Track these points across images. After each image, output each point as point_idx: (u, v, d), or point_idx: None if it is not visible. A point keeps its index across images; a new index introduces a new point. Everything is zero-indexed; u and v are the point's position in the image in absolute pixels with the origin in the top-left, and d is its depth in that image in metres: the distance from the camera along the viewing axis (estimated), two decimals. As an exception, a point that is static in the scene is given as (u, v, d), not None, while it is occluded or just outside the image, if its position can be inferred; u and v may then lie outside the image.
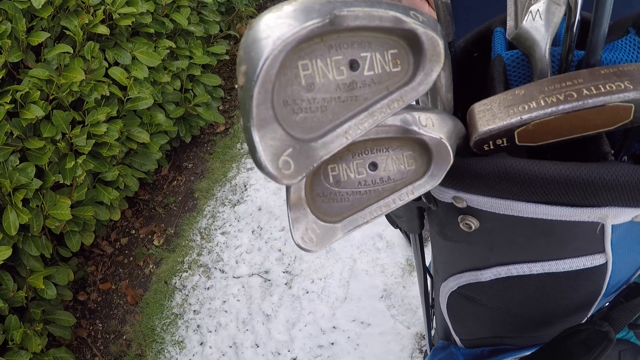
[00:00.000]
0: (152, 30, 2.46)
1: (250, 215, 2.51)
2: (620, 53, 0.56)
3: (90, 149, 2.08)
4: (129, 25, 2.36)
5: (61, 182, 2.02)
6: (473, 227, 0.48)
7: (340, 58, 0.29)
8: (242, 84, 0.24)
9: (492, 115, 0.40)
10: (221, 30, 2.98)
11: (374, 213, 0.38)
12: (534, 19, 0.49)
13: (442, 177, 0.39)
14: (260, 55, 0.23)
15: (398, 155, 0.37)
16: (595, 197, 0.40)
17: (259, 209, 2.52)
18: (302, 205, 0.35)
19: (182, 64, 2.60)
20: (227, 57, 2.97)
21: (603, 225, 0.44)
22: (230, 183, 2.71)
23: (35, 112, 1.92)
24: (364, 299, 2.02)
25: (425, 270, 0.95)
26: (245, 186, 2.66)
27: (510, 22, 0.54)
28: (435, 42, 0.30)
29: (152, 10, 2.44)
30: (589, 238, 0.47)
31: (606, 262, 0.52)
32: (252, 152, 0.25)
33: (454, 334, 0.88)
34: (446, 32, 0.61)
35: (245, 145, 2.87)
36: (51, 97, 2.02)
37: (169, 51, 2.53)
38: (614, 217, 0.43)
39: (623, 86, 0.40)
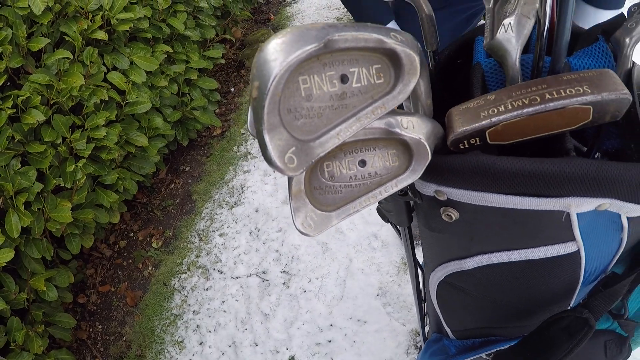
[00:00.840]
0: (149, 35, 2.52)
1: (248, 217, 2.56)
2: (589, 59, 0.62)
3: (90, 152, 2.14)
4: (127, 31, 2.41)
5: (62, 185, 2.06)
6: (454, 218, 0.54)
7: (333, 73, 0.35)
8: (255, 96, 0.30)
9: (466, 118, 0.47)
10: (217, 34, 3.04)
11: (363, 203, 0.44)
12: (506, 31, 0.55)
13: (422, 172, 0.45)
14: (270, 74, 0.29)
15: (384, 154, 0.44)
16: (558, 188, 0.47)
17: (256, 211, 2.58)
18: (302, 197, 0.41)
19: (179, 68, 2.66)
20: (223, 61, 3.02)
21: (569, 214, 0.50)
22: (228, 185, 2.77)
23: (36, 116, 1.97)
24: (360, 297, 2.08)
25: (415, 262, 1.01)
26: (242, 188, 2.72)
27: (487, 33, 0.61)
28: (412, 58, 0.36)
29: (150, 16, 2.49)
30: (558, 226, 0.53)
31: (578, 250, 0.57)
32: (263, 150, 0.31)
33: (445, 325, 0.93)
34: (430, 42, 0.67)
35: (241, 148, 2.93)
36: (51, 102, 2.07)
37: (166, 56, 2.58)
38: (577, 206, 0.49)
39: (582, 90, 0.46)
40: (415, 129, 0.42)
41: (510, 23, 0.56)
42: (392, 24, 1.22)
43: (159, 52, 2.53)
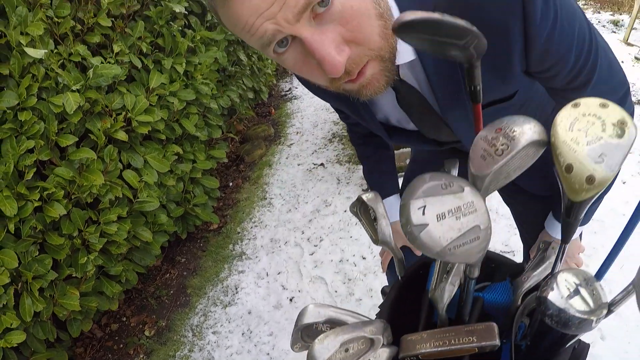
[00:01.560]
0: (163, 137, 3.06)
1: (241, 317, 3.02)
2: (496, 293, 1.17)
3: (101, 246, 2.62)
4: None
5: (73, 275, 2.53)
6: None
7: (342, 349, 0.87)
8: (313, 366, 0.82)
9: (409, 346, 1.00)
10: (222, 132, 3.57)
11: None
12: (440, 291, 1.09)
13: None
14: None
15: (364, 369, 0.97)
16: (454, 390, 1.00)
17: (249, 313, 3.04)
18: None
19: (186, 167, 3.19)
20: (226, 160, 3.54)
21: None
22: (222, 284, 3.25)
23: (58, 210, 2.44)
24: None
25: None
26: (236, 288, 3.20)
27: (433, 281, 1.14)
28: (379, 339, 0.89)
29: (166, 117, 3.03)
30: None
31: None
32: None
33: None
34: (400, 271, 1.22)
35: (237, 247, 3.46)
36: (72, 196, 2.56)
37: (176, 157, 3.11)
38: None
39: (472, 340, 1.00)
40: (381, 358, 0.95)
41: (443, 287, 1.09)
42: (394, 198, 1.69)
43: (170, 153, 3.06)
